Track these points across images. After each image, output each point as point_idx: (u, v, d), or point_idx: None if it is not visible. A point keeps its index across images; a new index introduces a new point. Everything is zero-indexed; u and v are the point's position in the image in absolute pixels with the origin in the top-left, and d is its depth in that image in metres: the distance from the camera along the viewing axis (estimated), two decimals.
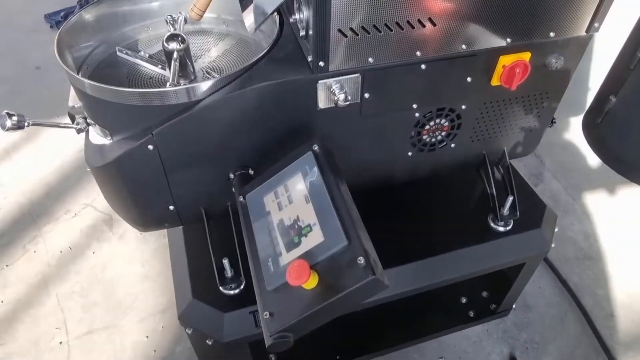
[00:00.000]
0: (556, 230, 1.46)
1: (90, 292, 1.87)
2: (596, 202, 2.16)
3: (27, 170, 2.29)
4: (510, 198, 1.37)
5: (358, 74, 1.07)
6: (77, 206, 2.16)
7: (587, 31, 1.17)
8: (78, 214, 2.13)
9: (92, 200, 2.18)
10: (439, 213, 1.48)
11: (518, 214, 1.38)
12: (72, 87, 1.22)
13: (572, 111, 2.25)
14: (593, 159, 2.21)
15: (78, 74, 1.18)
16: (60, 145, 2.37)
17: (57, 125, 1.28)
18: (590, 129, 1.22)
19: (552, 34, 1.14)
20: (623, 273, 1.95)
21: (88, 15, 1.29)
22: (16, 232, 2.07)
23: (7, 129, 1.13)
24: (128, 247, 2.02)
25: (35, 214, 2.14)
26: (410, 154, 1.32)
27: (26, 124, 1.15)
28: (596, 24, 1.15)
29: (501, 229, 1.40)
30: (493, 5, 1.04)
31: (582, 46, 1.21)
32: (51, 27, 2.92)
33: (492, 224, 1.40)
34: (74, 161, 2.33)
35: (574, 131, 2.29)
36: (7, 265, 1.96)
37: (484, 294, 1.76)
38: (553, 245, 1.43)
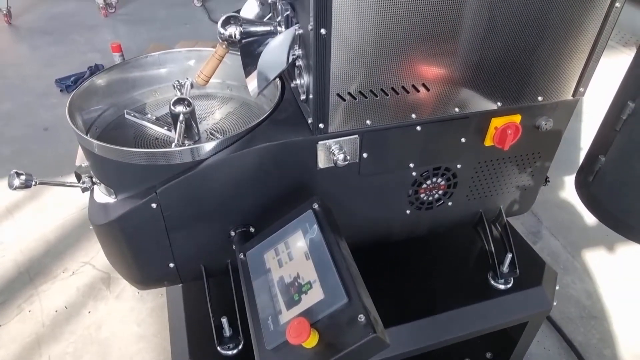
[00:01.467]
0: (557, 288, 1.45)
1: (84, 354, 1.82)
2: (596, 259, 2.16)
3: (28, 229, 2.30)
4: (509, 255, 1.37)
5: (356, 135, 1.11)
6: (76, 264, 2.15)
7: (573, 95, 1.23)
8: (76, 272, 2.11)
9: (91, 259, 2.17)
10: (439, 271, 1.48)
11: (518, 271, 1.38)
12: (80, 147, 1.26)
13: (565, 170, 2.30)
14: (589, 217, 2.23)
15: (87, 135, 1.23)
16: (63, 204, 2.40)
17: (63, 184, 1.31)
18: (583, 187, 1.25)
19: (540, 98, 1.20)
20: (629, 333, 1.91)
21: (100, 80, 1.36)
22: (12, 291, 2.05)
23: (15, 188, 1.16)
24: (124, 306, 1.99)
25: (32, 272, 2.12)
26: (408, 212, 1.34)
27: (33, 183, 1.18)
28: (581, 89, 1.22)
29: (502, 286, 1.39)
30: (483, 72, 1.11)
31: (569, 109, 1.27)
32: (61, 90, 3.04)
33: (492, 282, 1.40)
34: (75, 219, 2.34)
35: (568, 189, 2.33)
36: (0, 325, 1.92)
37: (488, 354, 1.72)
38: (555, 303, 1.42)
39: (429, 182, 1.29)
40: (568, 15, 1.07)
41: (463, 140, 1.22)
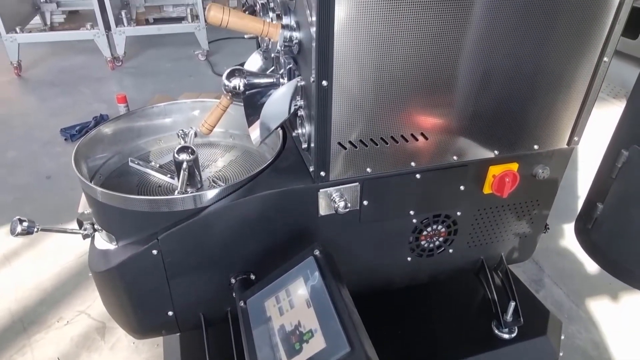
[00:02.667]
0: (563, 338, 1.42)
1: None
2: (601, 308, 2.12)
3: (25, 277, 2.28)
4: (513, 304, 1.36)
5: (357, 183, 1.13)
6: (71, 313, 2.11)
7: (568, 144, 1.26)
8: (71, 322, 2.07)
9: (87, 307, 2.13)
10: (442, 319, 1.46)
11: (522, 320, 1.36)
12: (83, 194, 1.27)
13: (564, 218, 2.31)
14: (591, 264, 2.22)
15: (91, 182, 1.25)
16: (61, 252, 2.38)
17: (65, 231, 1.32)
18: (583, 235, 1.25)
19: (536, 147, 1.23)
20: None
21: (107, 129, 1.39)
22: (4, 341, 1.99)
23: (17, 234, 1.16)
24: (119, 357, 1.93)
25: (26, 321, 2.08)
26: (409, 259, 1.34)
27: (35, 229, 1.19)
28: (576, 138, 1.25)
29: (506, 336, 1.36)
30: (479, 122, 1.14)
31: (565, 157, 1.30)
32: (65, 139, 3.10)
33: (496, 331, 1.37)
34: (73, 267, 2.32)
35: (568, 237, 2.33)
36: None
37: None
38: (561, 354, 1.38)
39: (429, 229, 1.30)
40: (559, 69, 1.12)
41: (462, 187, 1.24)
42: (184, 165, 1.23)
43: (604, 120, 2.15)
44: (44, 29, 4.53)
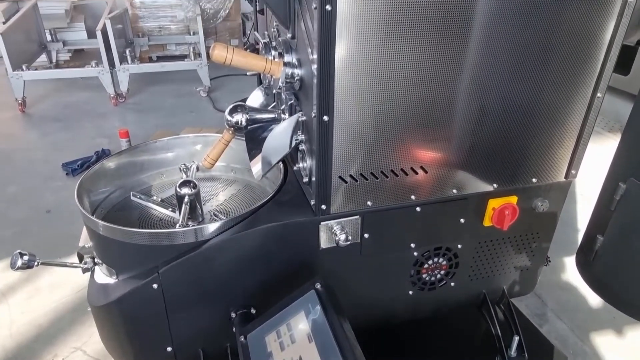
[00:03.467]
0: None
1: None
2: (605, 343, 2.08)
3: (20, 312, 2.24)
4: (516, 338, 1.34)
5: (358, 216, 1.14)
6: (66, 350, 2.06)
7: (566, 177, 1.28)
8: (66, 359, 2.02)
9: (83, 344, 2.08)
10: (445, 354, 1.43)
11: (526, 355, 1.34)
12: (84, 228, 1.28)
13: (565, 251, 2.30)
14: (594, 298, 2.19)
15: (93, 215, 1.25)
16: (59, 287, 2.35)
17: (65, 265, 1.31)
18: (584, 267, 1.25)
19: (534, 180, 1.25)
20: None
21: (110, 163, 1.41)
22: None
23: (17, 268, 1.16)
24: None
25: (20, 358, 2.03)
26: (411, 292, 1.33)
27: (35, 263, 1.18)
28: (573, 171, 1.27)
29: None
30: (477, 156, 1.16)
31: (563, 190, 1.31)
32: (67, 174, 3.11)
33: None
34: (69, 302, 2.28)
35: (570, 270, 2.31)
36: None
37: None
38: None
39: (430, 262, 1.30)
40: (554, 104, 1.14)
41: (462, 220, 1.24)
42: (186, 199, 1.24)
43: (601, 153, 2.18)
44: (49, 66, 4.63)
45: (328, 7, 0.88)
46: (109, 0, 4.75)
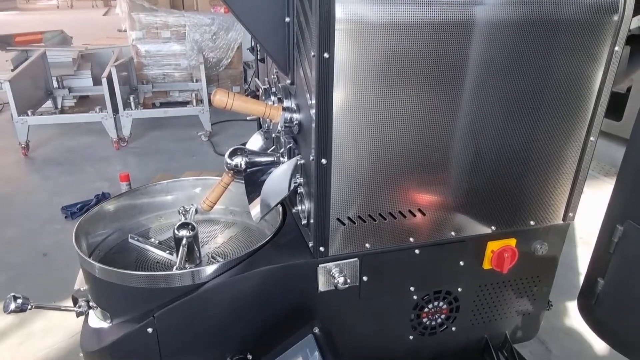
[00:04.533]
0: None
1: None
2: None
3: (11, 359, 2.17)
4: None
5: (356, 259, 1.14)
6: None
7: (563, 220, 1.28)
8: None
9: None
10: None
11: None
12: (80, 271, 1.27)
13: (566, 294, 2.26)
14: (598, 342, 2.13)
15: (89, 258, 1.24)
16: (51, 332, 2.29)
17: (59, 308, 1.29)
18: (587, 311, 1.23)
19: (532, 223, 1.25)
20: None
21: (109, 206, 1.41)
22: None
23: (10, 312, 1.14)
24: None
25: None
26: (411, 337, 1.30)
27: (29, 306, 1.17)
28: (570, 214, 1.28)
29: None
30: (474, 198, 1.17)
31: (562, 233, 1.31)
32: (66, 217, 3.11)
33: None
34: (62, 348, 2.22)
35: (572, 314, 2.26)
36: None
37: None
38: None
39: (430, 305, 1.28)
40: (549, 148, 1.17)
41: (462, 263, 1.24)
42: (184, 241, 1.24)
43: (598, 197, 2.19)
44: (54, 112, 4.73)
45: (326, 55, 0.91)
46: (116, 49, 4.92)
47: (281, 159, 1.23)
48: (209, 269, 1.10)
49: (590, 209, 2.01)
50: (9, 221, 3.08)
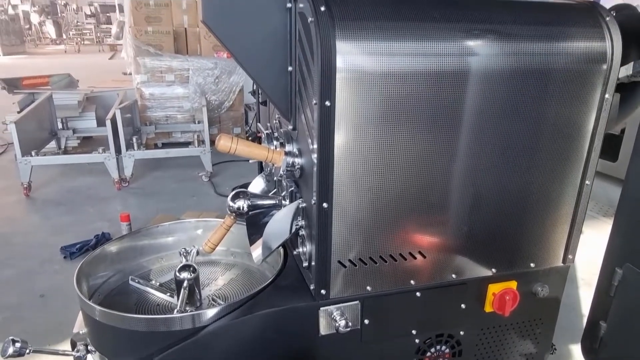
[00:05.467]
0: None
1: None
2: None
3: None
4: None
5: (357, 301, 1.13)
6: None
7: (563, 262, 1.29)
8: None
9: None
10: None
11: None
12: (80, 313, 1.26)
13: (569, 337, 2.23)
14: None
15: (90, 300, 1.24)
16: None
17: (56, 353, 1.28)
18: (591, 355, 1.22)
19: (532, 265, 1.26)
20: None
21: (111, 248, 1.42)
22: None
23: (8, 356, 1.13)
24: None
25: None
26: None
27: (27, 351, 1.16)
28: (570, 256, 1.29)
29: None
30: (474, 241, 1.18)
31: (563, 275, 1.32)
32: (64, 257, 3.10)
33: None
34: None
35: (577, 357, 2.22)
36: None
37: None
38: None
39: (432, 350, 1.26)
40: (545, 192, 1.19)
41: (463, 306, 1.23)
42: (185, 283, 1.24)
43: (597, 238, 2.20)
44: (57, 152, 4.79)
45: (327, 103, 0.95)
46: (120, 92, 5.04)
47: (283, 202, 1.25)
48: (210, 312, 1.10)
49: (590, 250, 2.02)
50: (7, 261, 3.06)
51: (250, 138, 4.78)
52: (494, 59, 1.05)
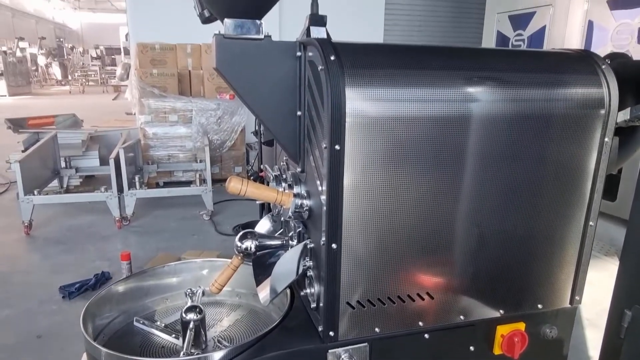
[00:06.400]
0: None
1: None
2: None
3: None
4: None
5: (366, 343, 1.13)
6: None
7: (571, 303, 1.29)
8: None
9: None
10: None
11: None
12: (84, 355, 1.24)
13: None
14: None
15: (95, 341, 1.23)
16: None
17: None
18: None
19: (540, 306, 1.26)
20: None
21: (117, 288, 1.42)
22: None
23: None
24: None
25: None
26: None
27: None
28: (577, 297, 1.29)
29: None
30: (481, 282, 1.19)
31: (570, 316, 1.31)
32: (63, 297, 3.06)
33: None
34: None
35: None
36: None
37: None
38: None
39: None
40: (550, 233, 1.21)
41: (472, 348, 1.22)
42: (191, 325, 1.23)
43: (600, 277, 2.19)
44: (59, 191, 4.81)
45: (337, 147, 0.98)
46: (124, 132, 5.12)
47: (290, 242, 1.26)
48: (217, 355, 1.09)
49: (594, 289, 2.01)
50: (4, 301, 3.02)
51: (252, 177, 4.82)
52: (495, 104, 1.09)
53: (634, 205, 1.08)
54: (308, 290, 1.20)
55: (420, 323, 1.16)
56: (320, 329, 1.12)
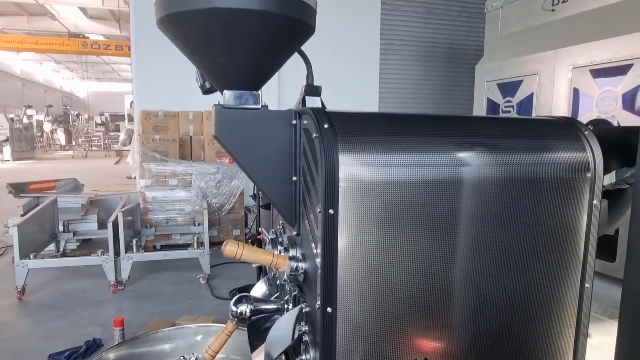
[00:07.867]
0: None
1: None
2: None
3: None
4: None
5: None
6: None
7: None
8: None
9: None
10: None
11: None
12: None
13: None
14: None
15: None
16: None
17: None
18: None
19: None
20: None
21: (108, 355, 1.38)
22: None
23: None
24: None
25: None
26: None
27: None
28: None
29: None
30: (481, 345, 1.16)
31: None
32: None
33: None
34: None
35: None
36: None
37: None
38: None
39: None
40: (547, 295, 1.20)
41: None
42: None
43: (603, 340, 2.13)
44: (55, 255, 4.76)
45: (331, 211, 1.01)
46: (124, 196, 5.16)
47: (286, 306, 1.25)
48: None
49: (602, 355, 1.96)
50: None
51: (250, 240, 4.80)
52: (484, 169, 1.13)
53: (626, 268, 1.09)
54: (303, 357, 1.17)
55: None
56: None
